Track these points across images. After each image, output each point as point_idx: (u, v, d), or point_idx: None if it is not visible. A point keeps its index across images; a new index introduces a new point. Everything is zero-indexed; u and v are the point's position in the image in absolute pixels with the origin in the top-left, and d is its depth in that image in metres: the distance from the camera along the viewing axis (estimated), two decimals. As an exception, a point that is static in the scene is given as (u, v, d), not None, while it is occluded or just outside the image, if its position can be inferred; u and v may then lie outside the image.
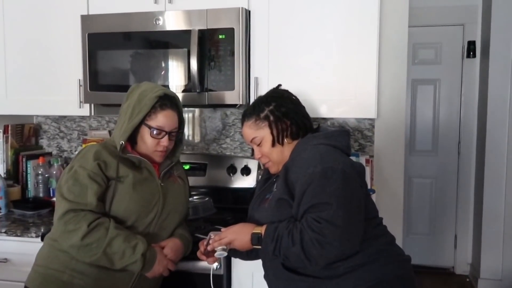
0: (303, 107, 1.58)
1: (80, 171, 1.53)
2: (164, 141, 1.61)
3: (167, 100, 1.61)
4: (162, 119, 1.59)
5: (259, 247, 1.42)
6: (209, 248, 1.52)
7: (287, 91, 1.59)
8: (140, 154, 1.63)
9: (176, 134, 1.67)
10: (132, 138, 1.62)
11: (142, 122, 1.59)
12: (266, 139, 1.51)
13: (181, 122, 1.69)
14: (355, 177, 1.39)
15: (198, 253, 1.58)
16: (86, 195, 1.50)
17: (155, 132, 1.59)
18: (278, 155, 1.52)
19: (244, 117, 1.56)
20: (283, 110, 1.51)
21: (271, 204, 1.47)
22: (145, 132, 1.60)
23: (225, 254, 1.50)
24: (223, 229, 1.54)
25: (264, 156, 1.54)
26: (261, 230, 1.42)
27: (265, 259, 1.53)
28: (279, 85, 1.62)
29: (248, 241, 1.44)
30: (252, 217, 1.55)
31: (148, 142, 1.60)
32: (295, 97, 1.58)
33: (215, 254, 1.50)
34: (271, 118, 1.50)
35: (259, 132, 1.52)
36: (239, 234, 1.46)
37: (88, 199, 1.50)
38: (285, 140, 1.51)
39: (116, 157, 1.57)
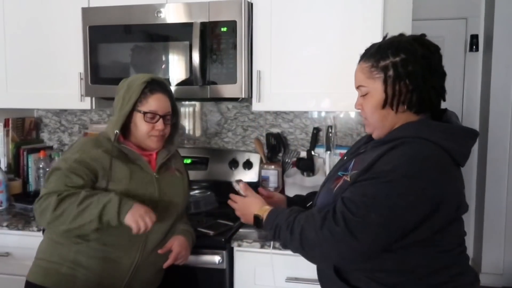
0: (440, 77, 1.22)
1: (63, 167, 1.52)
2: (159, 125, 1.60)
3: (156, 85, 1.62)
4: (154, 102, 1.59)
5: (261, 229, 1.35)
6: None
7: (429, 48, 1.20)
8: (134, 144, 1.62)
9: (170, 119, 1.66)
10: (125, 129, 1.61)
11: (133, 109, 1.58)
12: (373, 95, 1.21)
13: (174, 107, 1.68)
14: (427, 205, 1.10)
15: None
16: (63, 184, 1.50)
17: (149, 116, 1.58)
18: (379, 120, 1.21)
19: (363, 57, 1.25)
20: (409, 69, 1.16)
21: (342, 188, 1.20)
22: (138, 118, 1.59)
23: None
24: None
25: (363, 111, 1.26)
26: (263, 213, 1.32)
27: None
28: (423, 34, 1.24)
29: (252, 221, 1.37)
30: (317, 198, 1.36)
31: (143, 128, 1.59)
32: (438, 61, 1.20)
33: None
34: (390, 72, 1.17)
35: (368, 82, 1.21)
36: (245, 211, 1.41)
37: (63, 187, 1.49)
38: (399, 107, 1.17)
39: (108, 152, 1.55)
